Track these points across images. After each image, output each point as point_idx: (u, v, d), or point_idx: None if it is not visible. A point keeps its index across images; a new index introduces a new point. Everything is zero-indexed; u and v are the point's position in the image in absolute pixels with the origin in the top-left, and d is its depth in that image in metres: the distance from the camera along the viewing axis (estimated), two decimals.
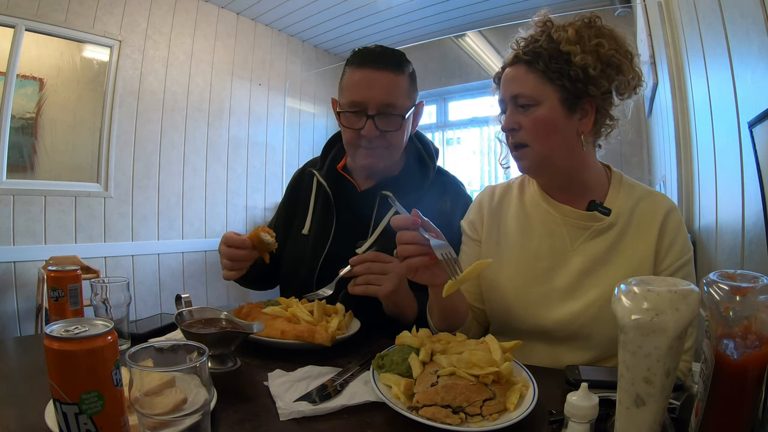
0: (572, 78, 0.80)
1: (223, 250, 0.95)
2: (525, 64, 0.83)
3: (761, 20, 1.03)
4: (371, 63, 1.00)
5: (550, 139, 0.83)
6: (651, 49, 2.30)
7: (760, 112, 1.04)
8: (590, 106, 0.83)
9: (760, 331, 0.40)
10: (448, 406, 0.58)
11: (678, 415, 0.55)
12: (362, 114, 0.99)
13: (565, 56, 0.81)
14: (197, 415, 0.42)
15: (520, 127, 0.84)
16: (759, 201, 1.05)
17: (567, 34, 0.81)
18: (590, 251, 0.86)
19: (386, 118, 0.99)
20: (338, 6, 3.62)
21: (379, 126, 0.99)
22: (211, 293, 3.67)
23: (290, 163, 4.17)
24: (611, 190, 0.89)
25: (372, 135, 0.99)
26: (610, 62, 0.81)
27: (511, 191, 0.99)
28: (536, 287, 0.88)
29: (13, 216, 2.67)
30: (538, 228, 0.91)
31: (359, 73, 1.00)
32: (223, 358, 0.76)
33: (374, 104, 0.98)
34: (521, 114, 0.84)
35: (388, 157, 1.05)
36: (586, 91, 0.81)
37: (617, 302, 0.44)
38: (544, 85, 0.82)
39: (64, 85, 2.87)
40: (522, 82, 0.83)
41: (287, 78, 4.23)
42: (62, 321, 0.43)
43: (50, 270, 0.83)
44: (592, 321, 0.83)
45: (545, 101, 0.82)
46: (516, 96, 0.84)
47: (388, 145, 1.02)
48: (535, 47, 0.83)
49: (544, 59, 0.81)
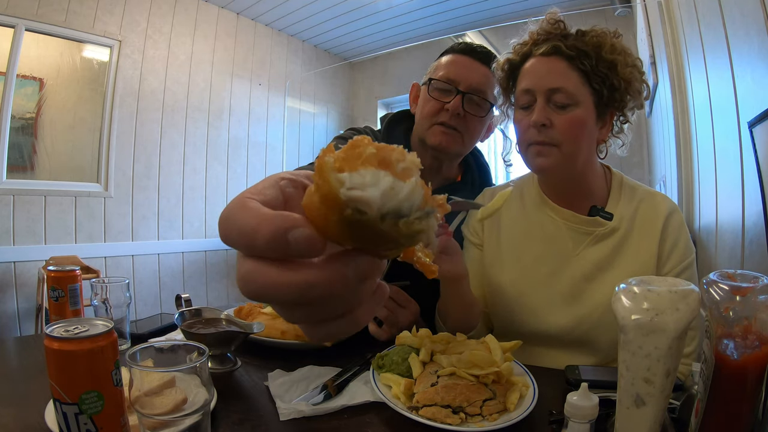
0: (613, 87, 0.78)
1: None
2: (566, 59, 0.78)
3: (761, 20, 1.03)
4: (474, 54, 1.02)
5: (580, 142, 0.80)
6: (651, 49, 2.30)
7: (760, 112, 1.04)
8: (611, 117, 0.83)
9: (760, 331, 0.40)
10: (448, 406, 0.58)
11: (678, 415, 0.55)
12: (452, 90, 1.00)
13: (609, 63, 0.78)
14: (197, 415, 0.42)
15: (551, 124, 0.79)
16: (759, 201, 1.05)
17: (611, 42, 0.79)
18: (592, 256, 0.86)
19: (474, 101, 1.00)
20: (338, 6, 3.62)
21: (466, 105, 0.99)
22: (211, 293, 3.67)
23: (290, 163, 4.16)
24: (612, 194, 0.89)
25: (455, 111, 0.99)
26: (641, 81, 0.81)
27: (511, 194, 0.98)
28: (539, 292, 0.88)
29: (13, 216, 2.66)
30: (539, 232, 0.90)
31: (461, 57, 1.03)
32: (223, 358, 0.76)
33: (467, 84, 0.99)
34: (555, 111, 0.79)
35: (459, 142, 1.03)
36: (621, 103, 0.80)
37: (617, 302, 0.44)
38: (584, 86, 0.78)
39: (64, 85, 2.87)
40: (564, 77, 0.78)
41: (287, 78, 4.23)
42: (62, 321, 0.43)
43: (50, 270, 0.82)
44: (595, 327, 0.83)
45: (583, 102, 0.78)
46: (555, 90, 0.78)
47: (465, 128, 1.01)
48: (579, 44, 0.78)
49: (591, 60, 0.77)
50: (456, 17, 3.71)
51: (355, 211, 0.18)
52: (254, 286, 0.20)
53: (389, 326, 0.90)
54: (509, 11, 3.51)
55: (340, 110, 4.66)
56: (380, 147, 0.20)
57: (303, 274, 0.20)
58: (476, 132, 1.04)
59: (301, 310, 0.22)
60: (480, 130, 1.05)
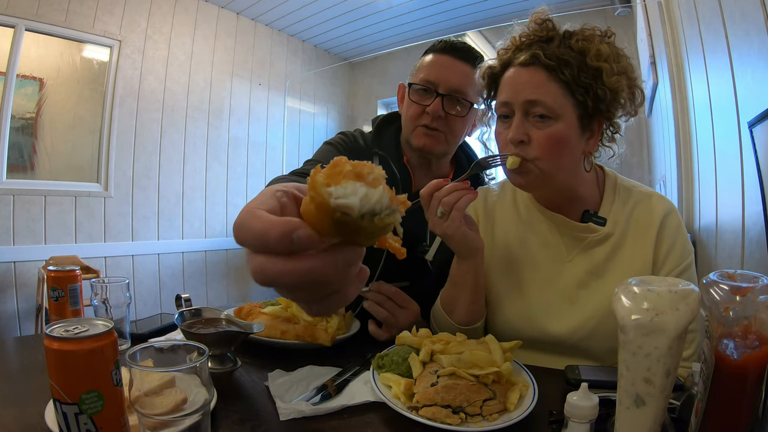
0: (598, 97, 0.72)
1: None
2: (546, 70, 0.73)
3: (761, 20, 1.03)
4: (453, 52, 1.02)
5: (560, 158, 0.75)
6: (651, 49, 2.30)
7: (760, 112, 1.04)
8: (598, 126, 0.77)
9: (760, 331, 0.40)
10: (448, 406, 0.58)
11: (678, 415, 0.55)
12: (432, 92, 1.00)
13: (594, 72, 0.72)
14: (197, 415, 0.42)
15: (529, 140, 0.74)
16: (759, 201, 1.05)
17: (597, 48, 0.72)
18: (586, 263, 0.83)
19: (454, 101, 1.00)
20: (338, 6, 3.62)
21: (446, 107, 1.00)
22: (211, 293, 3.67)
23: (290, 163, 4.16)
24: (605, 198, 0.85)
25: (436, 113, 0.99)
26: (633, 86, 0.75)
27: (504, 195, 0.96)
28: (533, 298, 0.86)
29: (13, 216, 2.66)
30: (532, 237, 0.88)
31: (439, 57, 1.03)
32: (223, 358, 0.76)
33: (446, 85, 1.00)
34: (533, 125, 0.74)
35: (443, 143, 1.03)
36: (607, 114, 0.74)
37: (617, 302, 0.44)
38: (566, 97, 0.73)
39: (64, 85, 2.87)
40: (543, 89, 0.72)
41: (287, 78, 4.23)
42: (62, 321, 0.43)
43: (50, 270, 0.82)
44: (590, 335, 0.81)
45: (564, 116, 0.73)
46: (532, 103, 0.73)
47: (447, 129, 1.02)
48: (559, 53, 0.72)
49: (572, 70, 0.72)
50: (456, 17, 3.71)
51: (342, 214, 0.25)
52: (267, 274, 0.27)
53: (389, 327, 0.90)
54: (509, 11, 3.51)
55: (340, 110, 4.66)
56: (354, 164, 0.27)
57: (304, 263, 0.26)
58: (459, 131, 1.05)
59: (302, 291, 0.29)
60: (463, 129, 1.05)
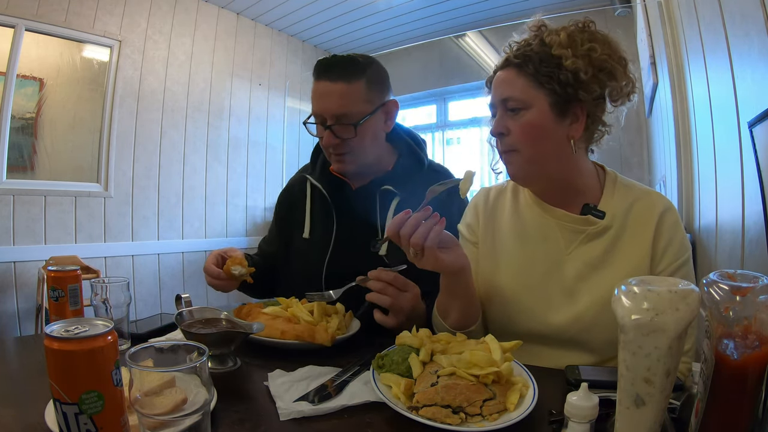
0: (562, 82, 0.79)
1: (206, 279, 1.04)
2: (515, 68, 0.83)
3: (761, 20, 1.03)
4: (324, 75, 1.02)
5: (539, 144, 0.82)
6: (651, 49, 2.30)
7: (760, 112, 1.04)
8: (581, 111, 0.82)
9: (760, 331, 0.40)
10: (448, 406, 0.58)
11: (678, 415, 0.55)
12: (323, 124, 1.03)
13: (556, 60, 0.80)
14: (197, 415, 0.42)
15: (509, 131, 0.83)
16: (759, 201, 1.05)
17: (559, 38, 0.80)
18: (585, 255, 0.85)
19: (342, 127, 1.01)
20: (338, 6, 3.62)
21: (338, 134, 1.01)
22: (211, 293, 3.62)
23: (290, 163, 4.17)
24: (605, 193, 0.88)
25: (331, 144, 1.02)
26: (603, 67, 0.80)
27: (505, 194, 0.98)
28: (533, 292, 0.88)
29: (13, 216, 2.67)
30: (532, 232, 0.90)
31: (316, 85, 1.04)
32: (223, 358, 0.76)
33: (329, 115, 1.01)
34: (510, 118, 0.83)
35: (355, 161, 1.06)
36: (576, 96, 0.80)
37: (617, 302, 0.44)
38: (534, 89, 0.81)
39: (64, 85, 2.87)
40: (512, 85, 0.82)
41: (287, 78, 4.23)
42: (62, 321, 0.43)
43: (50, 270, 0.82)
44: (589, 326, 0.83)
45: (535, 105, 0.81)
46: (505, 99, 0.83)
47: (351, 150, 1.04)
48: (526, 51, 0.82)
49: (534, 62, 0.80)
50: (456, 17, 3.71)
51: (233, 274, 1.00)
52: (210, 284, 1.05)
53: (395, 313, 0.90)
54: (509, 11, 3.52)
55: None
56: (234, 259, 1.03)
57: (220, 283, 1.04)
58: (363, 145, 1.04)
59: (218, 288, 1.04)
60: (363, 141, 1.04)
